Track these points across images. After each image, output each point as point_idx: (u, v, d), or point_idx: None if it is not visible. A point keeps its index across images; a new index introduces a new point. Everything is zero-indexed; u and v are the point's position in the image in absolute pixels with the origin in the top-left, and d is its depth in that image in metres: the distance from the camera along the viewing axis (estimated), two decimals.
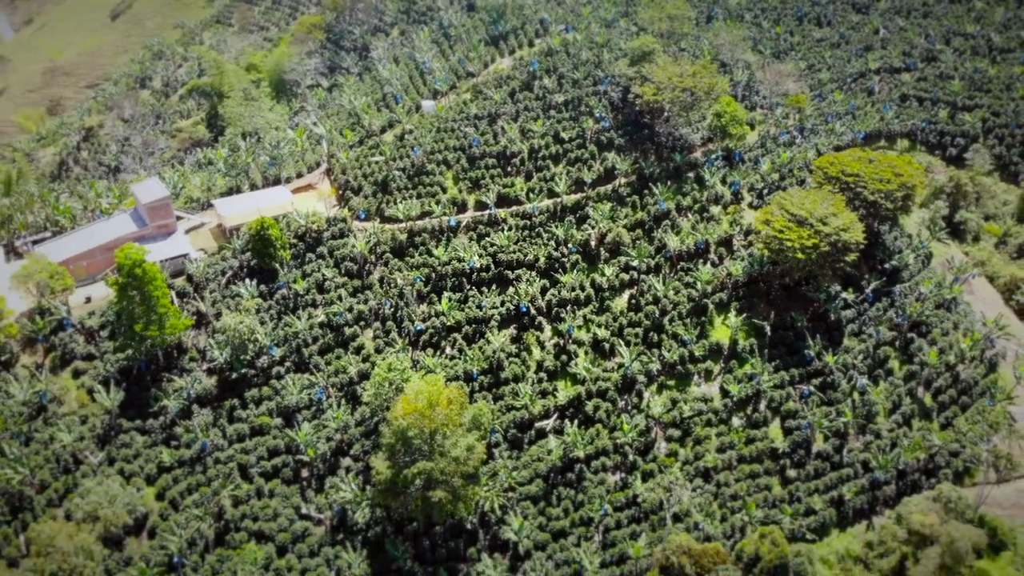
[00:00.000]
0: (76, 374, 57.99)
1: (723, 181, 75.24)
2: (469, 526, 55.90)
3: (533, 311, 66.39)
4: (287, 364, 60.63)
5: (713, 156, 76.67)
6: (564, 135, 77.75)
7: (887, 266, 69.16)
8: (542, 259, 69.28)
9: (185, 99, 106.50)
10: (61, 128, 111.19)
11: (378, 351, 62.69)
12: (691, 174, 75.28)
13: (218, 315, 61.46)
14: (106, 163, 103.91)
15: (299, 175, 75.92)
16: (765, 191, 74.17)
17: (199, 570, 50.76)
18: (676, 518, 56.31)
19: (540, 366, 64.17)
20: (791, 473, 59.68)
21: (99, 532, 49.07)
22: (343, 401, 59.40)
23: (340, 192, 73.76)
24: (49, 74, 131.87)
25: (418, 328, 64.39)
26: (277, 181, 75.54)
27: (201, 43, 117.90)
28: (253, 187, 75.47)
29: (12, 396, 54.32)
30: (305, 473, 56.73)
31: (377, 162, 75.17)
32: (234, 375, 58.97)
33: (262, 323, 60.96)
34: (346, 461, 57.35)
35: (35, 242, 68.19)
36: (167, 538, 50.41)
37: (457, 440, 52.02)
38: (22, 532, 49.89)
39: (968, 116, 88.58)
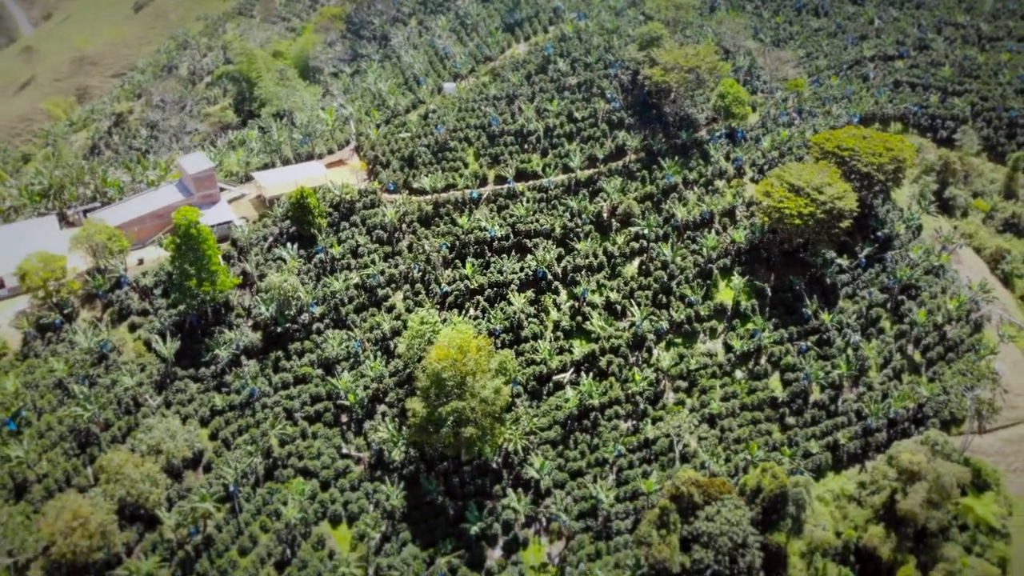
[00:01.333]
0: (132, 328, 62.87)
1: (727, 157, 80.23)
2: (494, 466, 60.89)
3: (550, 276, 71.31)
4: (326, 321, 65.60)
5: (717, 134, 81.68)
6: (577, 115, 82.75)
7: (879, 234, 74.14)
8: (558, 229, 74.20)
9: (212, 86, 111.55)
10: (92, 114, 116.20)
11: (408, 310, 67.62)
12: (696, 151, 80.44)
13: (261, 276, 66.39)
14: (137, 147, 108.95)
15: (330, 151, 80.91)
16: (766, 167, 79.11)
17: (251, 500, 55.83)
18: (684, 458, 61.35)
19: (557, 326, 69.11)
20: (790, 420, 64.65)
21: (162, 464, 54.05)
22: (378, 354, 64.35)
23: (370, 167, 78.75)
24: (76, 63, 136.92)
25: (444, 290, 69.28)
26: (310, 157, 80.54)
27: (224, 34, 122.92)
28: (286, 163, 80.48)
29: (77, 344, 59.23)
30: (344, 418, 61.73)
31: (404, 139, 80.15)
32: (278, 329, 63.88)
33: (303, 283, 65.92)
34: (382, 408, 62.36)
35: (85, 211, 73.08)
36: (223, 470, 55.33)
37: (485, 383, 56.97)
38: (90, 464, 54.77)
39: (958, 100, 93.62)
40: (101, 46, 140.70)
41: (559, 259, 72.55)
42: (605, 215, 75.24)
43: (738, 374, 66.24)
